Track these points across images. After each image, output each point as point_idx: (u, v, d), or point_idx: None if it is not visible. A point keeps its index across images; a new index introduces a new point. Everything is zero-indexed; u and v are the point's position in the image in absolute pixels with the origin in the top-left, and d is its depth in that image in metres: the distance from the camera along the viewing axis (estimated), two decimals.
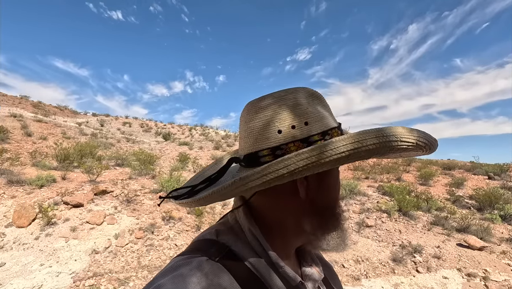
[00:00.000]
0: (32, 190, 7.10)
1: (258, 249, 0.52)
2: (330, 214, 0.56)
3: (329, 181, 0.56)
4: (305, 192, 0.53)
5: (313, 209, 0.54)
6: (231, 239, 0.54)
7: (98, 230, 6.12)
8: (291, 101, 0.53)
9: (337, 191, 0.58)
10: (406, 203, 8.27)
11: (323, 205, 0.55)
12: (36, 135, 15.50)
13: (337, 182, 0.58)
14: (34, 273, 4.77)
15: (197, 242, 0.56)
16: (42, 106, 29.43)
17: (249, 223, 0.55)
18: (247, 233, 0.54)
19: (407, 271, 5.72)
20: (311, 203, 0.54)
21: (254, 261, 0.51)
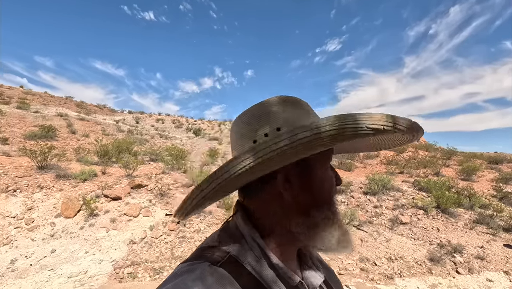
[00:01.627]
0: (77, 184, 7.72)
1: (258, 252, 0.54)
2: (318, 214, 0.55)
3: (313, 179, 0.56)
4: (289, 193, 0.55)
5: (299, 210, 0.55)
6: (232, 245, 0.55)
7: (135, 221, 6.51)
8: (263, 111, 0.56)
9: (325, 190, 0.57)
10: (445, 199, 7.75)
11: (308, 205, 0.55)
12: (80, 133, 16.76)
13: (325, 180, 0.57)
14: (80, 260, 5.21)
15: (200, 249, 0.58)
16: (84, 106, 31.71)
17: (248, 227, 0.56)
18: (247, 237, 0.56)
19: (446, 271, 5.39)
20: (296, 204, 0.55)
21: (254, 264, 0.52)
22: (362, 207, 8.13)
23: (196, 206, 0.55)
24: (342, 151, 0.73)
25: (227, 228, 0.61)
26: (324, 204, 0.56)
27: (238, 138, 0.59)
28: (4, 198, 6.52)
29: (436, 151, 17.03)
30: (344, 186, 9.36)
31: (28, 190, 7.05)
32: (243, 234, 0.57)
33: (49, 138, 13.94)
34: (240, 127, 0.59)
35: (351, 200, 8.59)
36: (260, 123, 0.55)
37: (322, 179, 0.57)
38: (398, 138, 0.56)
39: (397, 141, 0.59)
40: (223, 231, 0.60)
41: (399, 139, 0.56)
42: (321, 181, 0.56)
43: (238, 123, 0.60)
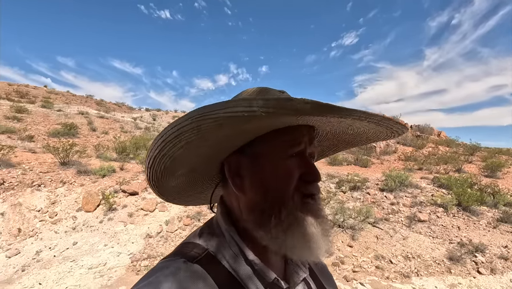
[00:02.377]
0: (96, 179, 8.01)
1: (235, 249, 0.53)
2: (268, 211, 0.50)
3: (262, 172, 0.52)
4: (238, 188, 0.54)
5: (250, 208, 0.53)
6: (210, 241, 0.55)
7: (151, 216, 6.69)
8: (235, 98, 0.56)
9: (277, 184, 0.51)
10: (467, 196, 7.44)
11: (258, 203, 0.52)
12: (99, 130, 17.34)
13: (279, 173, 0.51)
14: (99, 252, 5.43)
15: (181, 245, 0.58)
16: (103, 104, 32.73)
17: (225, 223, 0.56)
18: (225, 233, 0.55)
19: (466, 271, 5.20)
20: (248, 201, 0.54)
21: (231, 261, 0.52)
22: (378, 204, 7.95)
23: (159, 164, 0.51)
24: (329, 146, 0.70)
25: (210, 223, 0.61)
26: (276, 200, 0.51)
27: None
28: (29, 193, 6.87)
29: (458, 146, 16.34)
30: (360, 182, 9.19)
31: (51, 185, 7.39)
32: (222, 230, 0.57)
33: (71, 135, 14.52)
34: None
35: (367, 196, 8.42)
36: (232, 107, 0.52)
37: (276, 171, 0.52)
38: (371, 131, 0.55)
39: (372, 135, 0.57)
40: (205, 227, 0.61)
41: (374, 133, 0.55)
42: (273, 174, 0.52)
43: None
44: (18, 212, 6.24)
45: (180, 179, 0.61)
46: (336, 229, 6.55)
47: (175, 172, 0.57)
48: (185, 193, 0.68)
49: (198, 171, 0.61)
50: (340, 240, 6.21)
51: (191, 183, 0.65)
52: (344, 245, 6.05)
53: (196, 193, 0.70)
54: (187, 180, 0.63)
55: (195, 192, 0.70)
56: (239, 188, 0.54)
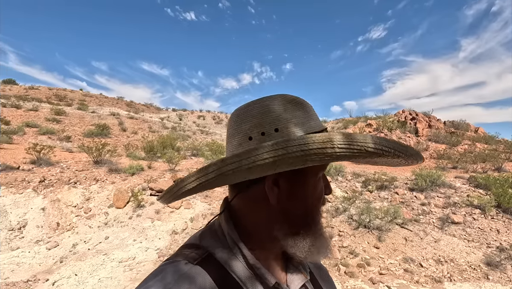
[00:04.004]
0: (126, 177, 8.41)
1: (237, 252, 0.54)
2: (301, 223, 0.55)
3: (303, 189, 0.55)
4: (276, 199, 0.54)
5: (284, 217, 0.55)
6: (212, 243, 0.56)
7: (177, 213, 6.90)
8: (264, 108, 0.54)
9: (313, 201, 0.56)
10: (508, 197, 6.88)
11: (294, 213, 0.55)
12: (129, 130, 18.19)
13: (314, 191, 0.56)
14: (129, 247, 5.70)
15: (182, 247, 0.59)
16: (133, 105, 34.28)
17: (228, 227, 0.57)
18: (227, 236, 0.56)
19: (506, 278, 4.82)
20: (282, 210, 0.55)
21: (232, 263, 0.53)
22: (407, 204, 7.60)
23: (189, 190, 0.52)
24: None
25: (212, 226, 0.62)
26: (309, 214, 0.56)
27: (231, 134, 0.57)
28: (67, 189, 7.37)
29: (498, 143, 15.13)
30: (388, 181, 8.83)
31: (86, 182, 7.87)
32: (224, 233, 0.57)
33: (103, 135, 15.38)
34: (233, 121, 0.57)
35: (395, 196, 8.07)
36: (260, 122, 0.53)
37: (312, 188, 0.56)
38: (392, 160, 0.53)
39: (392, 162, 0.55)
40: (207, 229, 0.61)
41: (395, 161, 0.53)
42: (310, 190, 0.55)
43: (237, 116, 0.57)
44: (57, 207, 6.72)
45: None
46: (361, 229, 6.35)
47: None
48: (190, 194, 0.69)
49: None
50: (366, 240, 6.02)
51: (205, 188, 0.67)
52: (370, 246, 5.85)
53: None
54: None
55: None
56: (275, 198, 0.54)
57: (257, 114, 0.53)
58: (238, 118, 0.56)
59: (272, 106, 0.54)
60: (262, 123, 0.53)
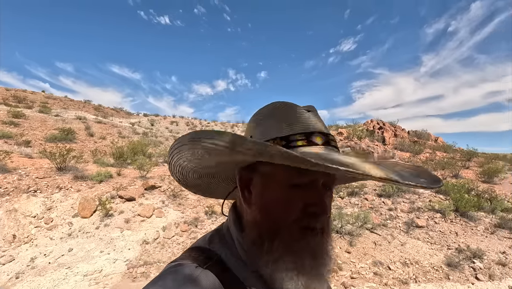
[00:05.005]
0: (93, 185, 7.96)
1: (244, 257, 0.53)
2: (265, 237, 0.50)
3: (266, 196, 0.52)
4: (246, 202, 0.54)
5: (253, 227, 0.53)
6: (221, 247, 0.56)
7: (148, 222, 6.63)
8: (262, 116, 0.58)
9: (282, 213, 0.50)
10: (464, 202, 7.45)
11: (259, 222, 0.52)
12: (97, 135, 17.29)
13: (286, 202, 0.50)
14: (95, 259, 5.36)
15: (190, 249, 0.58)
16: (101, 109, 32.72)
17: (236, 231, 0.56)
18: (236, 241, 0.56)
19: (464, 277, 5.18)
20: (252, 217, 0.54)
21: (241, 269, 0.52)
22: (376, 210, 7.95)
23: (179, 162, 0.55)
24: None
25: (220, 230, 0.62)
26: (273, 230, 0.50)
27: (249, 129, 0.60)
28: (25, 198, 6.80)
29: (455, 152, 16.43)
30: (358, 187, 9.19)
31: (47, 191, 7.33)
32: (233, 237, 0.57)
33: (68, 140, 14.46)
34: (248, 124, 0.61)
35: (365, 202, 8.42)
36: (254, 127, 0.57)
37: (277, 197, 0.50)
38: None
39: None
40: (215, 233, 0.61)
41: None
42: (274, 200, 0.51)
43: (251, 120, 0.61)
44: (13, 218, 6.17)
45: (203, 179, 0.65)
46: (334, 235, 6.53)
47: (193, 176, 0.61)
48: (209, 190, 0.71)
49: (217, 176, 0.65)
50: (338, 246, 6.18)
51: (214, 183, 0.68)
52: (342, 251, 6.02)
53: (219, 189, 0.72)
54: (209, 181, 0.67)
55: (219, 189, 0.72)
56: (246, 202, 0.54)
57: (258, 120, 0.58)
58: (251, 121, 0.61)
59: (264, 115, 0.57)
60: (247, 134, 0.58)
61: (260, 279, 0.51)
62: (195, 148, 0.48)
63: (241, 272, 0.52)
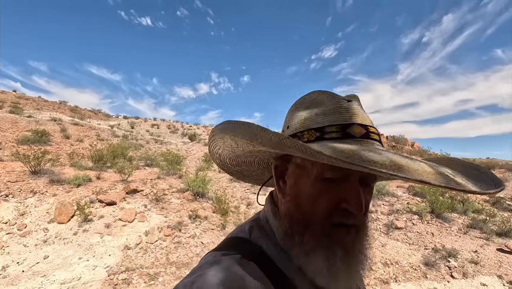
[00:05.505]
0: (70, 189, 7.62)
1: (288, 250, 0.51)
2: (296, 229, 0.49)
3: (299, 189, 0.51)
4: (281, 193, 0.54)
5: (285, 213, 0.52)
6: (262, 239, 0.54)
7: (130, 227, 6.44)
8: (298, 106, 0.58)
9: (306, 206, 0.49)
10: (439, 204, 7.83)
11: (292, 213, 0.51)
12: (74, 137, 16.59)
13: (317, 194, 0.48)
14: (73, 266, 5.13)
15: (230, 239, 0.57)
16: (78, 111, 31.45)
17: (276, 222, 0.55)
18: (276, 234, 0.54)
19: (441, 276, 5.43)
20: (286, 207, 0.53)
21: (284, 262, 0.50)
22: None
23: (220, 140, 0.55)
24: None
25: (258, 219, 0.60)
26: (303, 223, 0.48)
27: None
28: None
29: (430, 156, 17.25)
30: None
31: (20, 195, 6.94)
32: (273, 229, 0.55)
33: (43, 143, 13.77)
34: (288, 111, 0.60)
35: None
36: (291, 116, 0.57)
37: (308, 190, 0.49)
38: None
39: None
40: (254, 223, 0.59)
41: None
42: (305, 193, 0.49)
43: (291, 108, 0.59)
44: None
45: (242, 167, 0.66)
46: None
47: (231, 162, 0.63)
48: (250, 176, 0.72)
49: (255, 164, 0.66)
50: None
51: (254, 170, 0.69)
52: None
53: (260, 176, 0.72)
54: (248, 169, 0.68)
55: (259, 176, 0.72)
56: (281, 192, 0.54)
57: (295, 109, 0.58)
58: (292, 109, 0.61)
59: (301, 105, 0.56)
60: (290, 119, 0.57)
61: (302, 271, 0.49)
62: (224, 137, 0.50)
63: (284, 264, 0.50)
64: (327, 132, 0.49)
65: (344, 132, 0.48)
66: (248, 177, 0.72)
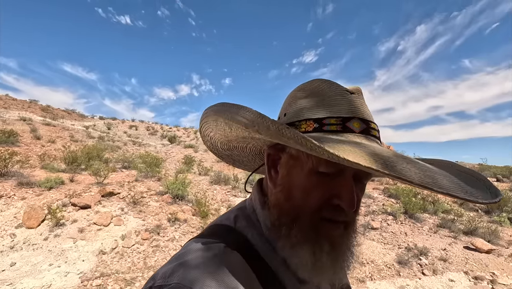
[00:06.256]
0: (41, 192, 7.25)
1: (274, 242, 0.50)
2: (285, 220, 0.48)
3: (291, 179, 0.49)
4: (273, 180, 0.53)
5: (275, 203, 0.51)
6: (247, 228, 0.53)
7: (105, 231, 6.21)
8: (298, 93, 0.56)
9: (297, 198, 0.47)
10: (412, 205, 8.21)
11: (282, 204, 0.50)
12: (45, 138, 15.78)
13: (310, 187, 0.47)
14: (43, 273, 4.87)
15: (214, 226, 0.55)
16: (50, 110, 29.98)
17: (263, 213, 0.54)
18: (262, 224, 0.53)
19: (413, 273, 5.68)
20: (276, 197, 0.51)
21: (269, 253, 0.50)
22: None
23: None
24: None
25: (244, 208, 0.58)
26: (293, 215, 0.47)
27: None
28: None
29: None
30: None
31: None
32: (259, 219, 0.54)
33: (10, 144, 12.98)
34: (287, 98, 0.57)
35: None
36: (289, 103, 0.55)
37: (300, 183, 0.48)
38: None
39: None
40: (239, 212, 0.57)
41: None
42: (297, 185, 0.48)
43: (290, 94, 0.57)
44: None
45: (233, 151, 0.65)
46: None
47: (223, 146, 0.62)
48: (241, 162, 0.71)
49: (247, 150, 0.64)
50: None
51: (245, 156, 0.67)
52: None
53: (251, 163, 0.71)
54: (239, 154, 0.66)
55: (250, 162, 0.71)
56: (272, 181, 0.52)
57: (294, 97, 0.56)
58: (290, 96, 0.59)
59: (301, 93, 0.54)
60: (288, 107, 0.55)
61: (286, 263, 0.49)
62: (217, 120, 0.48)
63: (268, 255, 0.49)
64: (326, 124, 0.47)
65: (343, 126, 0.47)
66: (238, 162, 0.71)
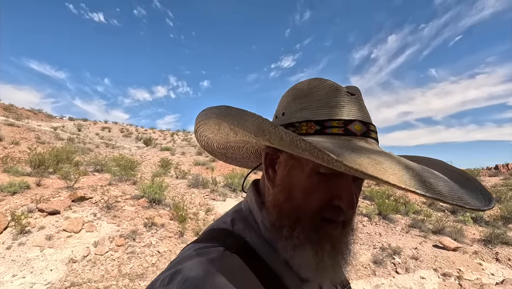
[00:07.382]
0: (3, 197, 6.72)
1: (274, 243, 0.49)
2: (285, 221, 0.47)
3: (291, 180, 0.48)
4: (271, 180, 0.52)
5: (273, 203, 0.50)
6: (246, 231, 0.52)
7: (76, 238, 5.87)
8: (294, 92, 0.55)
9: (298, 199, 0.47)
10: (385, 206, 8.55)
11: (282, 204, 0.49)
12: (8, 140, 14.70)
13: (310, 188, 0.46)
14: (5, 285, 4.50)
15: (211, 231, 0.54)
16: (13, 110, 28.01)
17: (261, 213, 0.53)
18: (261, 225, 0.52)
19: (387, 272, 5.90)
20: (274, 196, 0.51)
21: (269, 254, 0.49)
22: None
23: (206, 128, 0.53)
24: None
25: (240, 210, 0.57)
26: (294, 216, 0.47)
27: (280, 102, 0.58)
28: None
29: None
30: None
31: None
32: (257, 221, 0.53)
33: None
34: (285, 96, 0.56)
35: None
36: (287, 102, 0.54)
37: (300, 183, 0.47)
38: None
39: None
40: (236, 214, 0.56)
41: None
42: (297, 185, 0.47)
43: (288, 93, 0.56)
44: None
45: (228, 150, 0.64)
46: None
47: (219, 146, 0.61)
48: (236, 160, 0.71)
49: (244, 150, 0.64)
50: None
51: (240, 154, 0.67)
52: None
53: (246, 160, 0.71)
54: (235, 152, 0.66)
55: (245, 160, 0.71)
56: (270, 181, 0.51)
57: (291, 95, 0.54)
58: (286, 95, 0.58)
59: (295, 92, 0.54)
60: (280, 107, 0.55)
61: (287, 264, 0.48)
62: (221, 124, 0.46)
63: (269, 257, 0.48)
64: (328, 127, 0.47)
65: (345, 129, 0.46)
66: (231, 159, 0.71)
